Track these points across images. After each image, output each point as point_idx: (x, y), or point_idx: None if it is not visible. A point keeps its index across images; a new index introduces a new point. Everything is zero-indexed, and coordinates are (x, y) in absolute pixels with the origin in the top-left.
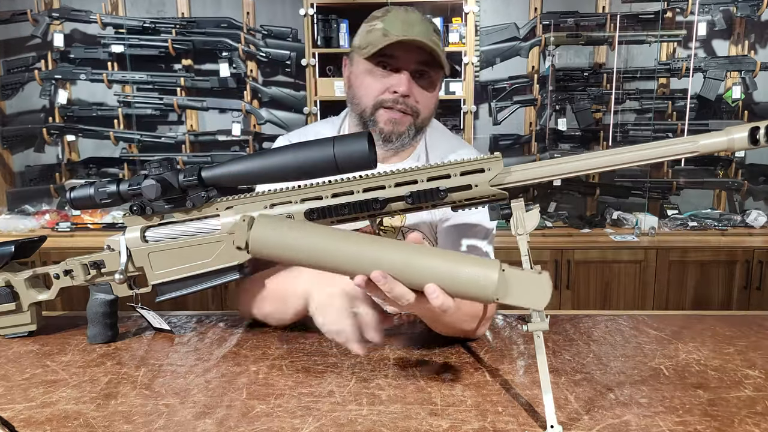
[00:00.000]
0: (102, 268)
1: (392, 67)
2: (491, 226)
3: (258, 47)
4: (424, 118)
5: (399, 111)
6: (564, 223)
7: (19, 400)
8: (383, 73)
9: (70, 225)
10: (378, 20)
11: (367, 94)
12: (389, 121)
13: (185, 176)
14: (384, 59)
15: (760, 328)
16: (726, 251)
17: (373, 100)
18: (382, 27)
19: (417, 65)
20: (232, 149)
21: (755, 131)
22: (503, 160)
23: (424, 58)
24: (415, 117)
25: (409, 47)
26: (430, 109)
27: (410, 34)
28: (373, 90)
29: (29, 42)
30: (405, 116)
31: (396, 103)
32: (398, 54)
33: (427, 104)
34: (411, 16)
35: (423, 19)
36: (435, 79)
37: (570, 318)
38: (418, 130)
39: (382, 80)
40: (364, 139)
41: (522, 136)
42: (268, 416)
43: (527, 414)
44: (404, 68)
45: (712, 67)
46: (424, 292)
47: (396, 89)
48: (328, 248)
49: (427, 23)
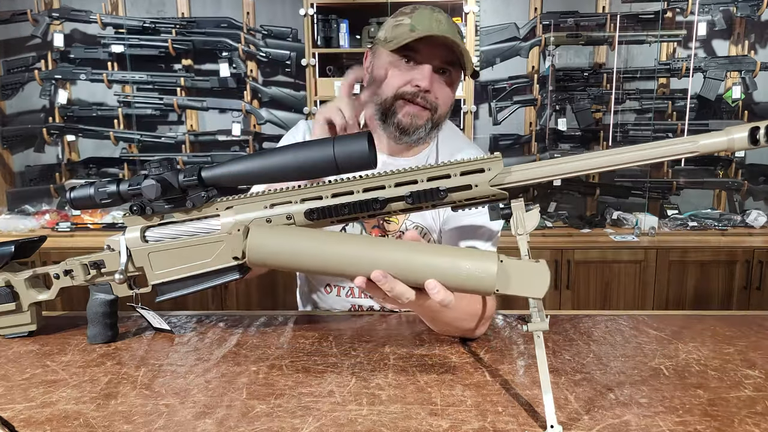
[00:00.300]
0: (102, 268)
1: (416, 61)
2: (497, 229)
3: (258, 47)
4: (441, 114)
5: (418, 105)
6: (564, 223)
7: (19, 400)
8: (407, 66)
9: (70, 225)
10: (406, 16)
11: (389, 85)
12: (408, 114)
13: (185, 176)
14: (409, 53)
15: (760, 328)
16: (726, 251)
17: (393, 90)
18: (410, 23)
19: (440, 62)
20: (232, 149)
21: (755, 131)
22: (503, 160)
23: (447, 56)
24: (433, 112)
25: (435, 44)
26: (448, 107)
27: (437, 31)
28: (396, 81)
29: (29, 42)
30: (423, 110)
31: (416, 96)
32: (423, 49)
33: (446, 101)
34: (438, 15)
35: (448, 19)
36: (455, 78)
37: (570, 318)
38: (434, 125)
39: (405, 73)
40: (364, 139)
41: (522, 136)
42: (268, 416)
43: (527, 414)
44: (427, 63)
45: (712, 67)
46: (425, 288)
47: (418, 83)
48: (326, 252)
49: (452, 24)
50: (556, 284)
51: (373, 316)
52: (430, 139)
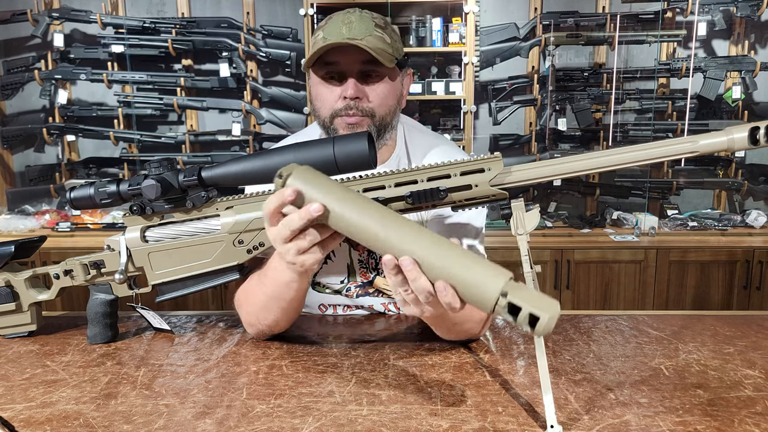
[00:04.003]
0: (102, 268)
1: (339, 73)
2: (480, 225)
3: (258, 47)
4: (383, 115)
5: (354, 116)
6: (564, 223)
7: (19, 400)
8: (332, 83)
9: (70, 225)
10: (321, 29)
11: (324, 105)
12: (347, 127)
13: (185, 176)
14: (329, 67)
15: (760, 328)
16: (726, 251)
17: (329, 110)
18: (322, 35)
19: (360, 65)
20: (232, 149)
21: (755, 131)
22: (503, 160)
23: (365, 56)
24: (372, 117)
25: (347, 49)
26: (388, 105)
27: (345, 36)
28: (328, 100)
29: (29, 42)
30: (362, 119)
31: (349, 108)
32: (339, 59)
33: (383, 102)
34: (348, 16)
35: (362, 16)
36: (385, 73)
37: (570, 318)
38: (382, 129)
39: (333, 89)
40: (364, 139)
41: (522, 136)
42: (268, 416)
43: (527, 414)
44: (348, 71)
45: (712, 67)
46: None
47: (345, 94)
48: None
49: (366, 20)
50: (556, 284)
51: (373, 316)
52: (390, 142)
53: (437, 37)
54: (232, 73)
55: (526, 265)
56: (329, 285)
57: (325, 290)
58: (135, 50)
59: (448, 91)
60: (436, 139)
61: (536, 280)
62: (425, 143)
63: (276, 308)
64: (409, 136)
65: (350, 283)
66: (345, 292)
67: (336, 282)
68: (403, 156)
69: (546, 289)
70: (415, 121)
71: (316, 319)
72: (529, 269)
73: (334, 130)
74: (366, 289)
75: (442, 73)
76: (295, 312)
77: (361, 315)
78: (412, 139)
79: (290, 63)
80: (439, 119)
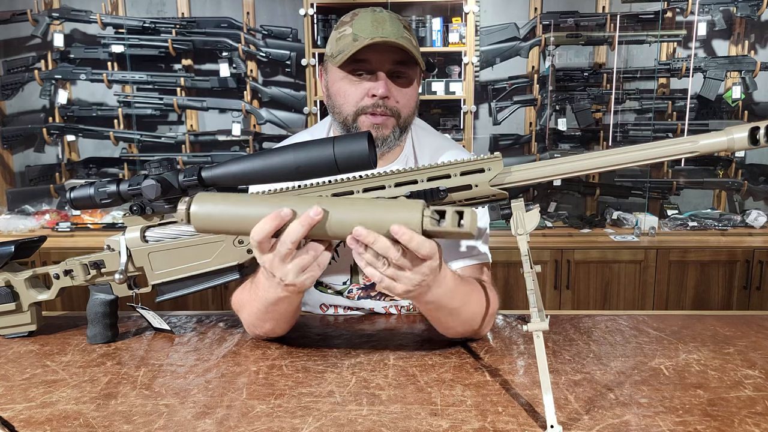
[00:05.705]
0: (102, 268)
1: (367, 71)
2: (484, 225)
3: (258, 47)
4: (406, 117)
5: (381, 115)
6: (564, 223)
7: (19, 400)
8: (359, 79)
9: (70, 225)
10: (347, 25)
11: (347, 101)
12: (373, 126)
13: (185, 176)
14: (358, 65)
15: (760, 328)
16: (726, 251)
17: (353, 107)
18: (352, 32)
19: (392, 65)
20: (232, 149)
21: (755, 131)
22: (503, 160)
23: (398, 57)
24: (398, 118)
25: (381, 48)
26: (411, 108)
27: (380, 35)
28: (353, 97)
29: (29, 42)
30: (388, 119)
31: (377, 107)
32: (371, 57)
33: (408, 103)
34: (379, 15)
35: (392, 16)
36: (412, 76)
37: (570, 318)
38: (403, 130)
39: (360, 86)
40: (364, 139)
41: (522, 136)
42: (268, 416)
43: (527, 414)
44: (379, 70)
45: (712, 67)
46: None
47: (374, 92)
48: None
49: (396, 21)
50: (556, 284)
51: (373, 316)
52: (402, 143)
53: (437, 37)
54: (232, 73)
55: (526, 265)
56: (332, 285)
57: (327, 290)
58: (135, 50)
59: (448, 91)
60: (443, 141)
61: (536, 280)
62: (432, 144)
63: (270, 319)
64: (416, 136)
65: (352, 285)
66: (347, 294)
67: (338, 282)
68: (410, 155)
69: (546, 289)
70: (422, 121)
71: (316, 319)
72: (529, 269)
73: (357, 128)
74: (368, 292)
75: (442, 73)
76: (292, 319)
77: (361, 315)
78: (420, 138)
79: (290, 63)
80: (439, 119)
